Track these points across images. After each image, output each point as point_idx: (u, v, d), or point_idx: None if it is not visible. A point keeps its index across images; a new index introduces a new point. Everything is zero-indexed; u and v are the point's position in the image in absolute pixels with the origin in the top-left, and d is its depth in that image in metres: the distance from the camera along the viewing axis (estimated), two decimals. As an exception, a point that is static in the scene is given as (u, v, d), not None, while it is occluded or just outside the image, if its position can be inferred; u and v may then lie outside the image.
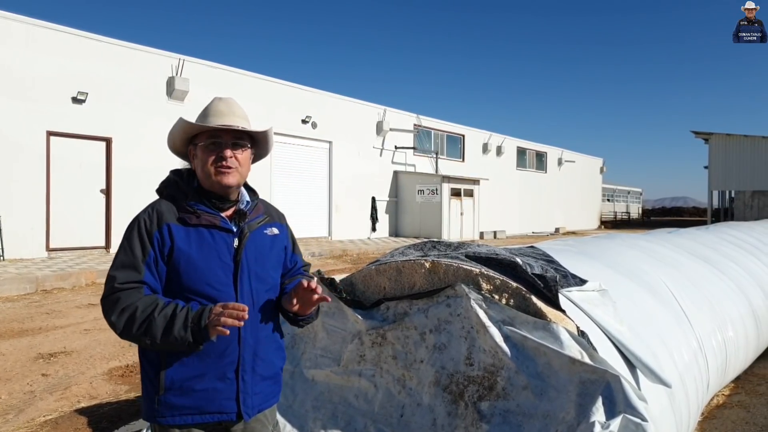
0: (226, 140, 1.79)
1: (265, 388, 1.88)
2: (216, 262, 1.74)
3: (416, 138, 24.92)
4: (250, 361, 1.80)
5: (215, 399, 1.75)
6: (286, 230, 2.03)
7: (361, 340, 2.82)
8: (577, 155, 38.07)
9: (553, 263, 3.08)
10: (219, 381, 1.75)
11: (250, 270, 1.80)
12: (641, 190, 68.08)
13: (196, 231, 1.75)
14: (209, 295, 1.71)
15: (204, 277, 1.72)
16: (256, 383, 1.83)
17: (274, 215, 1.99)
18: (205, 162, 1.78)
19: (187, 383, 1.72)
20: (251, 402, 1.82)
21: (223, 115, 1.79)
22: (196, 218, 1.75)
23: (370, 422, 2.72)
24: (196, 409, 1.74)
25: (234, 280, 1.76)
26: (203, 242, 1.74)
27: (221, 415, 1.77)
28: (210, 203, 1.80)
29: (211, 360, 1.73)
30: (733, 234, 7.85)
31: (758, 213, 34.06)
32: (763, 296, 5.57)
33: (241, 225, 1.82)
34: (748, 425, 3.77)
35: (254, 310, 1.80)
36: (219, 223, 1.77)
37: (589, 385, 2.21)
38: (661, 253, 4.64)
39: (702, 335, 3.67)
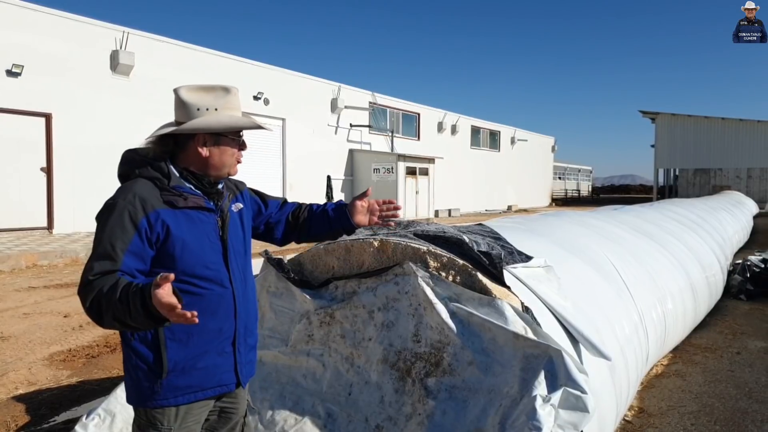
0: (241, 135, 1.88)
1: (252, 357, 2.00)
2: (207, 243, 1.77)
3: (372, 116, 24.78)
4: (243, 333, 1.88)
5: (215, 374, 1.81)
6: (247, 195, 2.08)
7: (309, 320, 2.80)
8: (530, 134, 38.74)
9: (500, 240, 3.11)
10: (219, 356, 1.81)
11: (234, 247, 1.87)
12: (591, 168, 70.00)
13: (184, 214, 1.74)
14: (207, 277, 1.76)
15: (199, 259, 1.74)
16: (247, 352, 1.93)
17: (234, 189, 2.01)
18: (225, 154, 1.81)
19: (189, 363, 1.75)
20: (246, 371, 1.93)
21: (240, 109, 1.86)
22: (183, 201, 1.74)
23: (318, 401, 2.70)
24: (197, 386, 1.79)
25: (225, 259, 1.81)
26: (194, 225, 1.75)
27: (221, 387, 1.85)
28: (200, 185, 1.81)
29: (211, 337, 1.79)
30: (676, 210, 8.17)
31: (700, 190, 35.63)
32: (701, 270, 5.83)
33: (219, 204, 1.86)
34: (684, 393, 3.95)
35: (244, 285, 1.89)
36: (204, 204, 1.79)
37: (532, 359, 2.24)
38: (606, 229, 4.77)
39: (643, 308, 3.80)
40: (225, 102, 1.80)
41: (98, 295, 1.53)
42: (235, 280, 1.83)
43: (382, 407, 2.53)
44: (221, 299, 1.80)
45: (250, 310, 1.94)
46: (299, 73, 21.38)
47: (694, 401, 3.81)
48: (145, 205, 1.67)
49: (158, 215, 1.67)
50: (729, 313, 6.44)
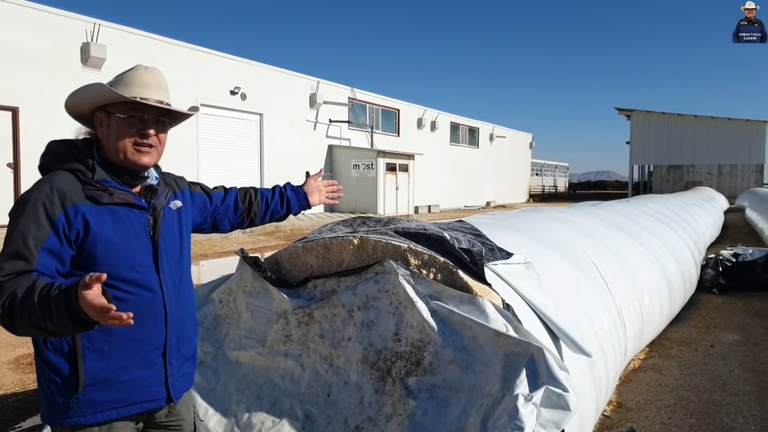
0: (150, 116, 1.64)
1: (188, 369, 1.83)
2: (135, 243, 1.63)
3: (351, 112, 24.68)
4: (175, 343, 1.73)
5: (142, 388, 1.66)
6: (188, 192, 1.93)
7: (287, 319, 2.74)
8: (508, 131, 39.00)
9: (480, 237, 3.09)
10: (146, 368, 1.66)
11: (167, 248, 1.71)
12: (568, 164, 70.80)
13: (109, 210, 1.59)
14: (133, 280, 1.61)
15: (126, 260, 1.60)
16: (181, 364, 1.78)
17: (174, 185, 1.87)
18: (122, 136, 1.62)
19: (111, 375, 1.60)
20: (179, 384, 1.77)
21: (150, 88, 1.63)
22: (109, 196, 1.58)
23: (296, 403, 2.65)
24: (121, 401, 1.63)
25: (155, 261, 1.67)
26: (120, 223, 1.60)
27: (149, 403, 1.69)
28: (120, 179, 1.64)
29: (137, 347, 1.62)
30: (651, 206, 8.27)
31: (673, 186, 36.30)
32: (676, 265, 5.90)
33: (152, 202, 1.70)
34: (660, 387, 3.99)
35: (177, 289, 1.74)
36: (133, 201, 1.64)
37: (513, 357, 2.22)
38: (584, 225, 4.79)
39: (621, 304, 3.82)
40: (123, 77, 1.63)
41: (11, 298, 1.36)
42: (166, 285, 1.68)
43: (362, 408, 2.49)
44: (149, 305, 1.64)
45: (185, 318, 1.79)
46: (277, 68, 21.17)
47: (670, 395, 3.85)
48: (64, 200, 1.52)
49: (78, 210, 1.52)
50: (702, 306, 6.55)
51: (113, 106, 1.62)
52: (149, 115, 1.64)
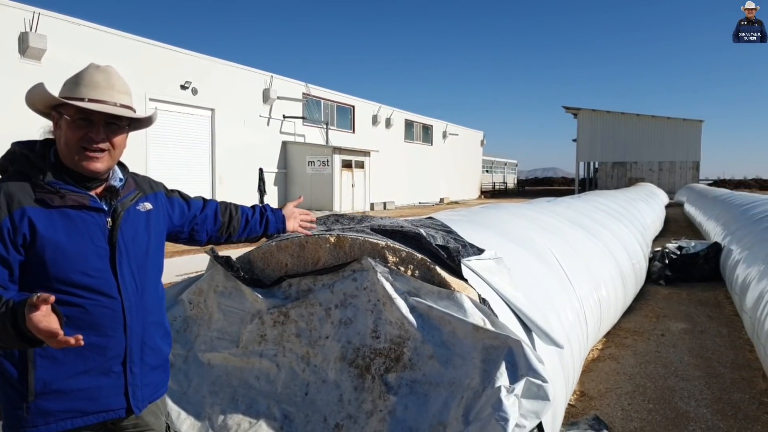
0: (99, 119, 1.57)
1: (155, 378, 1.76)
2: (89, 247, 1.55)
3: (305, 107, 24.47)
4: (138, 351, 1.66)
5: (100, 397, 1.59)
6: (163, 196, 1.87)
7: (261, 319, 2.71)
8: (461, 128, 39.57)
9: (452, 233, 3.14)
10: (104, 376, 1.59)
11: (128, 252, 1.63)
12: (516, 161, 72.44)
13: (62, 213, 1.52)
14: (87, 285, 1.54)
15: (77, 265, 1.53)
16: (146, 374, 1.70)
17: (146, 188, 1.80)
18: (70, 140, 1.55)
19: (64, 383, 1.53)
20: (141, 394, 1.69)
21: (100, 88, 1.57)
22: (60, 198, 1.52)
23: (273, 403, 2.63)
24: (76, 411, 1.56)
25: (112, 266, 1.59)
26: (72, 226, 1.53)
27: (107, 413, 1.62)
28: (76, 181, 1.58)
29: (93, 354, 1.55)
30: (602, 202, 8.59)
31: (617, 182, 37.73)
32: (628, 258, 6.16)
33: (114, 203, 1.63)
34: (619, 375, 4.17)
35: (140, 295, 1.66)
36: (89, 203, 1.57)
37: (492, 351, 2.27)
38: (544, 221, 4.94)
39: (582, 296, 3.96)
40: (74, 77, 1.59)
41: None
42: (126, 290, 1.60)
43: (341, 406, 2.50)
44: (107, 311, 1.57)
45: (149, 325, 1.70)
46: (229, 62, 20.77)
47: (628, 382, 4.03)
48: (11, 203, 1.46)
49: (24, 214, 1.47)
50: (651, 297, 6.86)
51: (63, 108, 1.56)
52: (98, 117, 1.56)
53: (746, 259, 6.07)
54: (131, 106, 1.64)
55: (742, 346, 4.89)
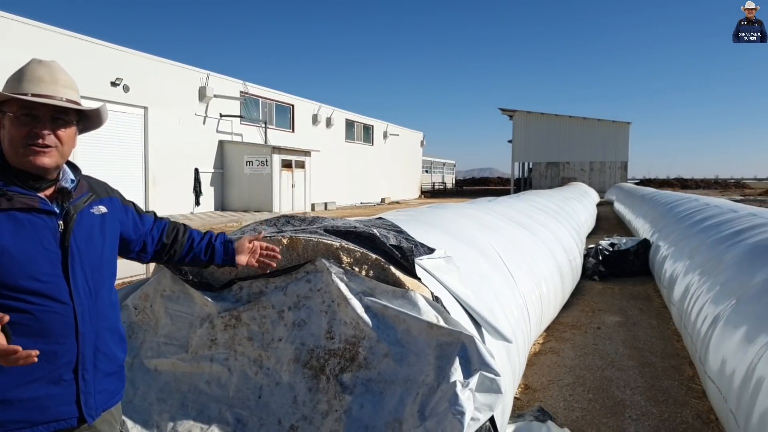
0: (44, 114, 1.53)
1: (109, 385, 1.70)
2: (39, 250, 1.50)
3: (243, 106, 24.01)
4: (90, 358, 1.60)
5: (50, 406, 1.53)
6: (118, 202, 1.82)
7: (212, 323, 2.66)
8: (401, 129, 39.93)
9: (402, 233, 3.19)
10: (54, 385, 1.53)
11: (81, 256, 1.59)
12: (455, 162, 73.83)
13: (9, 216, 1.47)
14: (36, 290, 1.48)
15: (25, 270, 1.47)
16: (99, 381, 1.64)
17: (100, 191, 1.75)
18: (14, 137, 1.51)
19: (11, 393, 1.47)
20: (94, 402, 1.63)
21: (43, 83, 1.52)
22: (7, 201, 1.47)
23: (225, 407, 2.59)
24: (24, 421, 1.49)
25: (64, 270, 1.54)
26: (20, 229, 1.48)
27: (58, 423, 1.55)
28: (24, 183, 1.52)
29: (42, 362, 1.47)
30: (539, 201, 8.91)
31: (551, 182, 39.13)
32: (565, 254, 6.42)
33: (66, 206, 1.58)
34: (560, 368, 4.34)
35: (93, 300, 1.61)
36: (38, 205, 1.51)
37: (446, 347, 2.33)
38: (487, 220, 5.08)
39: (525, 292, 4.11)
40: (16, 73, 1.56)
41: None
42: (78, 295, 1.56)
43: (296, 407, 2.49)
44: (57, 317, 1.52)
45: (102, 330, 1.65)
46: (163, 59, 20.08)
47: (569, 374, 4.20)
48: None
49: None
50: (587, 292, 7.18)
51: (6, 105, 1.52)
52: (43, 112, 1.52)
53: (673, 254, 6.47)
54: (77, 102, 1.59)
55: (671, 336, 5.20)
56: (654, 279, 7.57)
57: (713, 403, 3.30)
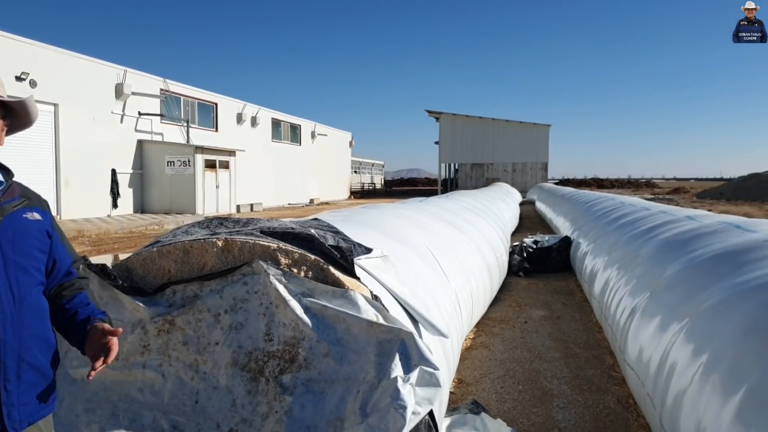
0: None
1: (36, 397, 1.63)
2: None
3: (164, 104, 23.10)
4: (14, 368, 1.53)
5: None
6: (49, 217, 1.73)
7: (144, 329, 2.56)
8: (330, 129, 39.77)
9: (339, 234, 3.19)
10: None
11: (6, 260, 1.52)
12: (383, 162, 74.40)
13: None
14: None
15: None
16: (24, 392, 1.57)
17: (34, 199, 1.69)
18: None
19: None
20: (18, 415, 1.56)
21: None
22: None
23: (160, 415, 2.50)
24: None
25: None
26: None
27: None
28: None
29: None
30: (467, 201, 9.16)
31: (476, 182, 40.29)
32: (492, 252, 6.65)
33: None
34: (490, 362, 4.50)
35: (17, 306, 1.54)
36: None
37: (385, 344, 2.37)
38: (419, 220, 5.18)
39: (457, 289, 4.23)
40: None
41: None
42: (0, 302, 1.50)
43: (235, 411, 2.44)
44: None
45: (27, 339, 1.58)
46: (75, 53, 18.97)
47: (499, 367, 4.37)
48: None
49: None
50: (513, 288, 7.47)
51: None
52: None
53: (593, 250, 6.84)
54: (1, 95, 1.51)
55: (592, 328, 5.51)
56: (575, 274, 7.98)
57: (632, 388, 3.53)
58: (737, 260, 3.05)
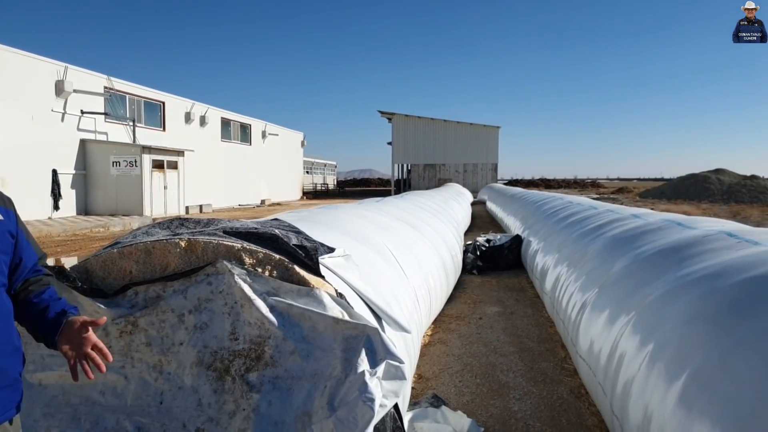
0: None
1: (1, 399, 1.60)
2: None
3: (108, 103, 22.33)
4: None
5: None
6: (12, 215, 1.70)
7: (105, 331, 2.53)
8: (281, 129, 39.37)
9: (301, 234, 3.22)
10: None
11: None
12: (336, 163, 74.18)
13: None
14: None
15: None
16: None
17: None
18: None
19: None
20: None
21: None
22: None
23: (123, 417, 2.47)
24: None
25: None
26: None
27: None
28: None
29: None
30: (422, 201, 9.30)
31: (428, 182, 40.74)
32: (448, 251, 6.79)
33: None
34: (448, 357, 4.61)
35: None
36: None
37: (351, 340, 2.42)
38: (378, 220, 5.25)
39: (416, 287, 4.32)
40: None
41: None
42: None
43: (201, 410, 2.45)
44: None
45: None
46: (11, 48, 18.10)
47: (457, 362, 4.48)
48: None
49: None
50: (467, 286, 7.64)
51: None
52: None
53: (543, 248, 7.08)
54: None
55: (544, 323, 5.72)
56: (527, 271, 8.23)
57: (584, 379, 3.71)
58: (679, 255, 3.25)
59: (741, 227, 3.72)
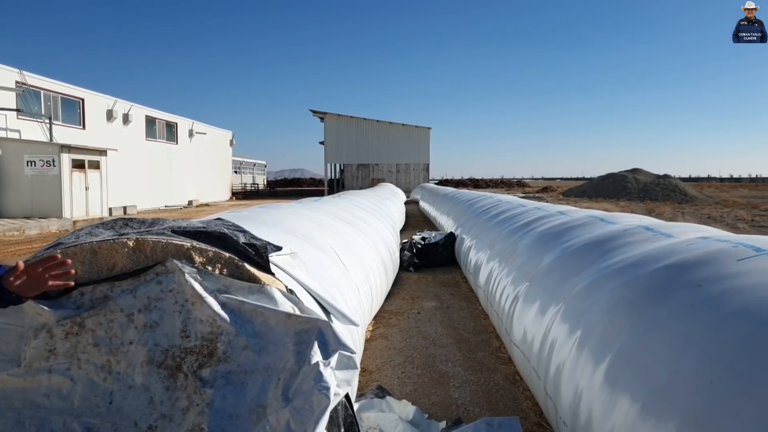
0: None
1: None
2: None
3: (21, 98, 21.01)
4: None
5: None
6: None
7: (50, 332, 2.48)
8: (208, 127, 38.36)
9: (247, 233, 3.27)
10: None
11: None
12: (266, 162, 73.05)
13: None
14: None
15: None
16: None
17: None
18: None
19: None
20: None
21: None
22: None
23: (71, 418, 2.44)
24: None
25: None
26: None
27: None
28: None
29: None
30: (360, 201, 9.43)
31: (362, 182, 40.92)
32: (386, 248, 6.95)
33: None
34: (390, 350, 4.76)
35: None
36: None
37: (303, 334, 2.51)
38: (319, 219, 5.33)
39: (358, 283, 4.44)
40: None
41: None
42: None
43: (153, 407, 2.46)
44: None
45: None
46: None
47: (399, 355, 4.64)
48: None
49: None
50: (405, 282, 7.84)
51: None
52: None
53: (476, 245, 7.38)
54: None
55: (479, 315, 5.98)
56: (461, 267, 8.53)
57: (518, 365, 3.95)
58: (602, 248, 3.55)
59: (656, 222, 4.08)
